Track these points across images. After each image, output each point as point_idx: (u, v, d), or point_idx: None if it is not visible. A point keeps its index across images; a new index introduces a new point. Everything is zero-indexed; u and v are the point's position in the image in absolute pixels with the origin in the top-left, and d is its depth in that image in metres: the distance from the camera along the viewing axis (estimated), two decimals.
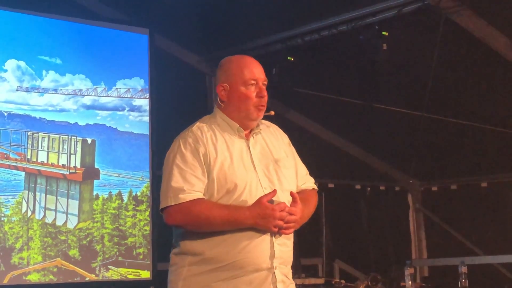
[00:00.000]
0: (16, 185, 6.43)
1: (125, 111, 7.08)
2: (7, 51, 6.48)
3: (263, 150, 3.09)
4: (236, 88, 3.04)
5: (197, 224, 2.89)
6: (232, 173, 2.93)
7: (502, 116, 6.84)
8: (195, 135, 2.99)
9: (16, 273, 6.32)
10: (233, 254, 2.86)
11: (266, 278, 2.90)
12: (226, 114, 3.09)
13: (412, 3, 6.06)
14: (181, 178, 2.90)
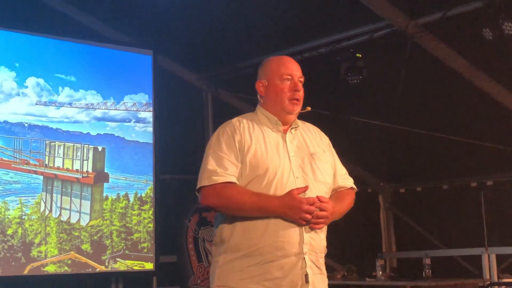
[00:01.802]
0: (35, 188, 6.43)
1: (131, 122, 7.07)
2: (28, 70, 6.47)
3: (300, 144, 2.98)
4: (273, 82, 2.98)
5: (228, 207, 2.80)
6: (265, 159, 2.82)
7: (460, 127, 6.88)
8: (234, 125, 2.92)
9: (35, 264, 6.32)
10: (261, 239, 2.74)
11: (296, 263, 2.75)
12: (265, 108, 3.01)
13: (382, 28, 6.12)
14: (215, 162, 2.81)
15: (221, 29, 6.73)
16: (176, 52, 7.53)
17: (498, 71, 6.24)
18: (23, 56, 6.47)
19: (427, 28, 5.93)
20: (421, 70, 6.27)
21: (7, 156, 6.31)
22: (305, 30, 6.54)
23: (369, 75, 6.32)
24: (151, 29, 7.10)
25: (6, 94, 6.36)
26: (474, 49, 5.99)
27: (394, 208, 8.94)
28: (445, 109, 6.85)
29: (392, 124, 6.80)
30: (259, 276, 2.72)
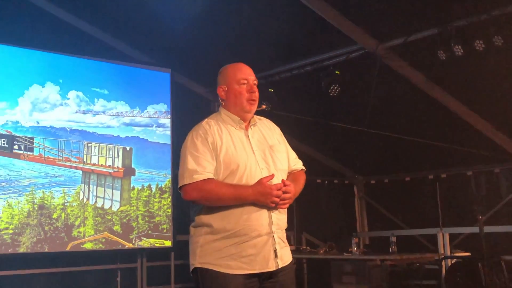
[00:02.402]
0: (76, 180, 6.45)
1: (153, 127, 7.09)
2: (69, 85, 6.50)
3: (260, 138, 2.90)
4: (231, 87, 2.89)
5: (209, 199, 2.71)
6: (235, 157, 2.75)
7: (420, 131, 6.89)
8: (204, 128, 2.82)
9: (75, 242, 6.36)
10: (238, 224, 2.69)
11: (267, 241, 2.72)
12: (227, 109, 2.91)
13: (356, 51, 6.09)
14: (194, 162, 2.72)
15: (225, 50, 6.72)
16: (189, 70, 7.54)
17: (450, 84, 6.24)
18: (65, 73, 6.50)
19: (393, 50, 5.91)
20: (388, 84, 6.26)
21: (53, 155, 6.32)
22: (294, 51, 6.52)
23: (346, 89, 6.30)
24: (169, 52, 7.10)
25: (52, 104, 6.37)
26: (430, 67, 5.98)
27: (366, 196, 8.96)
28: (407, 116, 6.85)
29: (365, 128, 6.78)
30: (236, 254, 2.68)
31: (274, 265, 2.72)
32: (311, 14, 5.53)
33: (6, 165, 6.00)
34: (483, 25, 5.13)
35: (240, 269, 2.67)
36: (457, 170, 7.77)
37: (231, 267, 2.66)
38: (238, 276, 2.66)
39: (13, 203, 5.99)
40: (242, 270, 2.67)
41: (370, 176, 8.86)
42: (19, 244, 5.99)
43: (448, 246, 7.12)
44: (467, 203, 7.49)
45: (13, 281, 6.15)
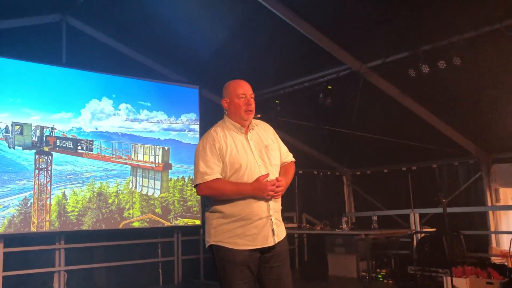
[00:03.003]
0: (126, 173, 6.49)
1: (185, 131, 7.11)
2: (120, 99, 6.55)
3: (257, 140, 2.86)
4: (232, 100, 2.84)
5: (217, 195, 2.71)
6: (238, 157, 2.73)
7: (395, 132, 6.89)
8: (212, 136, 2.78)
9: (126, 221, 6.40)
10: (243, 210, 2.70)
11: (266, 222, 2.74)
12: (229, 118, 2.86)
13: (344, 70, 6.10)
14: (204, 165, 2.70)
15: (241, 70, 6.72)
16: (212, 86, 7.53)
17: (419, 96, 6.24)
18: (117, 90, 6.54)
19: (373, 69, 5.93)
20: (369, 96, 6.26)
21: (108, 154, 6.37)
22: (295, 71, 6.55)
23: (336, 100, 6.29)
24: (197, 72, 7.14)
25: (107, 114, 6.42)
26: (403, 82, 5.98)
27: (353, 184, 8.93)
28: (385, 121, 6.84)
29: (351, 131, 6.81)
30: (242, 234, 2.69)
31: (272, 241, 2.75)
32: (308, 41, 5.57)
33: (72, 162, 6.07)
34: (445, 49, 5.15)
35: (245, 245, 2.69)
36: (425, 164, 7.77)
37: (238, 244, 2.69)
38: (244, 250, 2.69)
39: (77, 191, 6.07)
40: (247, 246, 2.69)
41: (356, 168, 8.84)
42: (83, 223, 6.08)
43: (418, 223, 7.11)
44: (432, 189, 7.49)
45: (79, 252, 6.24)
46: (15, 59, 5.74)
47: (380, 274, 6.73)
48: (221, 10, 5.60)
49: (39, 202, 5.76)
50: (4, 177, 5.56)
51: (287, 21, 5.30)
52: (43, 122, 5.87)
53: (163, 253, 6.97)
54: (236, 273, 2.66)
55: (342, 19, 5.37)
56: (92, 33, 6.54)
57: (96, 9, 6.09)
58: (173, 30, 6.13)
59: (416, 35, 5.25)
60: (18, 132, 5.69)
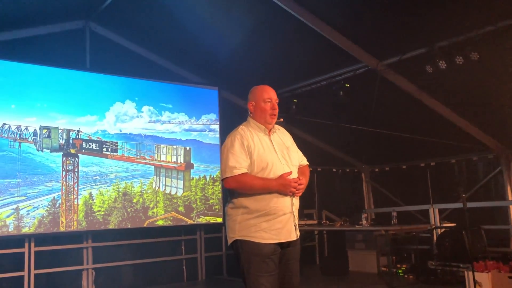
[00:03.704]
0: (150, 173, 6.52)
1: (206, 132, 7.12)
2: (143, 101, 6.59)
3: (279, 142, 2.93)
4: (258, 103, 2.93)
5: (243, 188, 2.75)
6: (264, 156, 2.80)
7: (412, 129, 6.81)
8: (240, 133, 2.85)
9: (150, 220, 6.44)
10: (268, 205, 2.75)
11: (289, 218, 2.80)
12: (255, 120, 2.94)
13: (362, 67, 6.03)
14: (233, 160, 2.75)
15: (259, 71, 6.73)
16: (232, 87, 7.54)
17: (436, 92, 6.15)
18: (140, 93, 6.58)
19: (390, 66, 5.85)
20: (386, 93, 6.19)
21: (132, 155, 6.41)
22: (313, 70, 6.50)
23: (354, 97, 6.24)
24: (217, 74, 7.15)
25: (130, 116, 6.47)
26: (420, 79, 5.90)
27: (372, 181, 8.87)
28: (403, 118, 6.77)
29: (369, 128, 6.74)
30: (267, 228, 2.74)
31: (295, 235, 2.82)
32: (325, 40, 5.52)
33: (97, 163, 6.13)
34: (462, 44, 5.06)
35: (271, 239, 2.73)
36: (443, 159, 7.66)
37: (264, 238, 2.73)
38: (270, 244, 2.73)
39: (103, 192, 6.13)
40: (272, 240, 2.74)
41: (374, 165, 8.77)
42: (109, 222, 6.14)
43: (438, 218, 7.03)
44: (451, 185, 7.38)
45: (106, 250, 6.31)
46: (41, 65, 5.84)
47: (401, 269, 6.66)
48: (239, 12, 5.60)
49: (67, 203, 5.85)
50: (33, 179, 5.67)
51: (304, 21, 5.27)
52: (70, 125, 5.96)
53: (187, 250, 7.01)
54: (262, 266, 2.69)
55: (358, 17, 5.31)
56: (115, 38, 6.61)
57: (117, 15, 6.15)
58: (192, 33, 6.14)
59: (432, 31, 5.15)
60: (46, 135, 5.79)
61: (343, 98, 6.18)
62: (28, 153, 5.67)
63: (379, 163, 8.65)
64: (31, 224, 5.59)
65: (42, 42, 6.00)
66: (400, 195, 8.27)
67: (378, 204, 8.68)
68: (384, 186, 8.60)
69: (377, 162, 8.64)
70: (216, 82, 7.27)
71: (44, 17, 5.90)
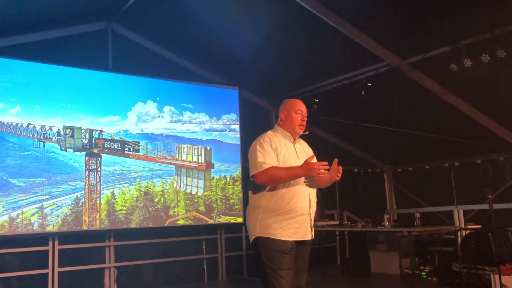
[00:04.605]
0: (171, 172, 6.53)
1: (226, 131, 7.11)
2: (164, 101, 6.60)
3: (302, 151, 3.12)
4: (290, 114, 3.10)
5: (272, 179, 2.87)
6: (289, 159, 2.97)
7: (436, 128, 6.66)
8: (269, 137, 3.03)
9: (171, 219, 6.46)
10: (287, 205, 2.89)
11: (307, 219, 2.95)
12: (282, 128, 3.11)
13: (384, 66, 5.92)
14: (262, 157, 2.90)
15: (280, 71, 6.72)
16: (252, 87, 7.55)
17: (461, 90, 6.00)
18: (161, 93, 6.60)
19: (413, 65, 5.73)
20: (410, 92, 6.08)
21: (153, 154, 6.43)
22: (333, 69, 6.41)
23: (376, 97, 6.15)
24: (237, 74, 7.12)
25: (152, 116, 6.50)
26: (444, 77, 5.76)
27: (394, 181, 8.71)
28: (426, 117, 6.64)
29: (391, 128, 6.63)
30: (286, 226, 2.88)
31: (310, 235, 2.98)
32: (347, 39, 5.44)
33: (120, 162, 6.17)
34: (488, 41, 4.91)
35: (289, 237, 2.88)
36: (468, 159, 7.46)
37: (282, 235, 2.87)
38: (287, 241, 2.87)
39: (125, 191, 6.17)
40: (290, 237, 2.88)
41: (397, 165, 8.62)
42: (131, 221, 6.17)
43: (462, 220, 6.86)
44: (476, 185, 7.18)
45: (127, 248, 6.35)
46: (65, 66, 5.90)
47: (424, 271, 6.52)
48: (259, 11, 5.56)
49: (89, 202, 5.90)
50: (57, 178, 5.73)
51: (325, 20, 5.19)
52: (92, 125, 6.00)
53: (207, 250, 7.00)
54: (283, 261, 2.83)
55: (380, 15, 5.20)
56: (136, 39, 6.64)
57: (139, 16, 6.17)
58: (213, 33, 6.13)
59: (457, 28, 5.01)
60: (69, 135, 5.85)
61: (364, 98, 6.08)
62: (52, 152, 5.74)
63: (401, 163, 8.49)
64: (55, 222, 5.65)
65: (66, 44, 6.06)
66: (423, 196, 8.09)
67: (400, 205, 8.52)
68: (406, 187, 8.43)
69: (400, 162, 8.49)
70: (237, 82, 7.24)
71: (68, 19, 5.96)
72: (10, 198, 5.42)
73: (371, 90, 6.07)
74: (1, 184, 5.40)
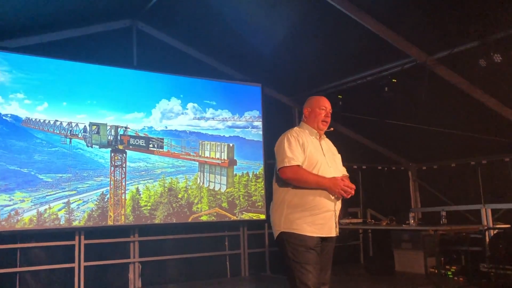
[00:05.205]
0: (194, 169, 6.54)
1: (249, 128, 7.08)
2: (188, 99, 6.60)
3: (327, 148, 3.11)
4: (314, 110, 3.12)
5: (298, 179, 2.87)
6: (315, 155, 2.97)
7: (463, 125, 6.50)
8: (296, 132, 3.03)
9: (195, 215, 6.47)
10: (313, 201, 2.88)
11: (332, 215, 2.94)
12: (308, 124, 3.12)
13: (409, 62, 5.80)
14: (290, 152, 2.91)
15: (303, 67, 6.66)
16: (275, 84, 7.50)
17: (489, 86, 5.84)
18: (185, 90, 6.60)
19: (440, 60, 5.61)
20: (436, 88, 5.94)
21: (177, 151, 6.45)
22: (357, 65, 6.32)
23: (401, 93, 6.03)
24: (260, 71, 7.07)
25: (175, 113, 6.52)
26: (473, 73, 5.60)
27: (419, 179, 8.55)
28: (452, 114, 6.47)
29: (416, 124, 6.51)
30: (311, 222, 2.87)
31: (335, 232, 2.97)
32: (371, 35, 5.35)
33: (144, 159, 6.22)
34: None
35: (313, 233, 2.88)
36: (496, 157, 7.26)
37: (307, 230, 2.87)
38: (313, 237, 2.87)
39: (150, 187, 6.21)
40: (315, 233, 2.88)
41: (422, 163, 8.45)
42: (155, 217, 6.21)
43: (490, 219, 6.68)
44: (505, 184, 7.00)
45: (151, 244, 6.39)
46: (91, 64, 5.96)
47: (450, 271, 6.37)
48: (282, 7, 5.51)
49: (115, 197, 5.95)
50: (83, 174, 5.80)
51: (349, 15, 5.11)
52: (117, 122, 6.06)
53: (230, 246, 7.00)
54: (308, 256, 2.83)
55: (405, 9, 5.09)
56: (160, 36, 6.67)
57: (163, 14, 6.19)
58: (235, 30, 6.11)
59: (486, 22, 4.86)
60: (95, 131, 5.91)
61: (388, 94, 5.97)
62: (79, 148, 5.82)
63: (426, 161, 8.32)
64: (81, 217, 5.73)
65: (91, 42, 6.12)
66: (448, 194, 7.91)
67: (425, 203, 8.35)
68: (432, 185, 8.26)
69: (425, 160, 8.32)
70: (259, 78, 7.21)
71: (94, 17, 6.02)
72: (38, 193, 5.51)
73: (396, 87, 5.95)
74: (30, 179, 5.50)
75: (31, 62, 5.64)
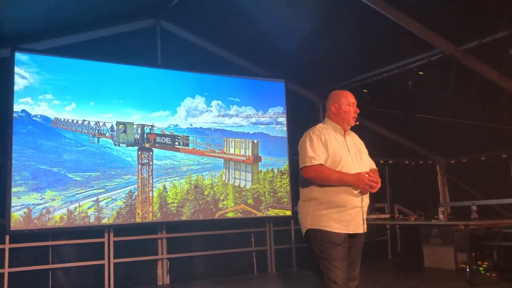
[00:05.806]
0: (220, 166, 6.56)
1: (273, 125, 7.06)
2: (212, 96, 6.62)
3: (352, 144, 3.07)
4: (342, 106, 3.06)
5: (321, 178, 2.87)
6: (339, 152, 2.94)
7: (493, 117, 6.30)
8: (319, 130, 3.01)
9: (221, 212, 6.49)
10: (339, 198, 2.87)
11: (359, 212, 2.92)
12: (333, 121, 3.07)
13: (436, 54, 5.65)
14: (312, 151, 2.90)
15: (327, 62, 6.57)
16: (298, 79, 7.44)
17: None
18: (209, 88, 6.62)
19: (468, 51, 5.43)
20: (464, 80, 5.77)
21: (202, 148, 6.48)
22: (383, 58, 6.20)
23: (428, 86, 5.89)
24: (283, 66, 7.04)
25: (200, 111, 6.54)
26: (503, 64, 5.41)
27: (447, 173, 8.34)
28: (482, 106, 6.28)
29: (444, 117, 6.35)
30: (337, 219, 2.86)
31: (362, 229, 2.95)
32: (396, 27, 5.23)
33: (170, 156, 6.26)
34: None
35: (340, 229, 2.87)
36: None
37: (334, 227, 2.86)
38: (339, 233, 2.86)
39: (176, 184, 6.25)
40: (342, 230, 2.87)
41: (450, 157, 8.24)
42: (182, 214, 6.25)
43: None
44: None
45: (179, 241, 6.44)
46: (116, 63, 6.03)
47: (482, 267, 6.20)
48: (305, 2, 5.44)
49: (142, 195, 6.02)
50: (111, 172, 5.88)
51: (374, 7, 5.01)
52: (144, 120, 6.11)
53: (256, 242, 6.99)
54: (335, 252, 2.82)
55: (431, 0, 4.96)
56: (184, 34, 6.70)
57: (186, 12, 6.20)
58: (258, 26, 6.07)
59: None
60: (122, 130, 5.98)
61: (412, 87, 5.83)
62: (106, 147, 5.89)
63: (455, 155, 8.11)
64: (110, 215, 5.81)
65: (116, 41, 6.18)
66: (478, 188, 7.67)
67: (454, 197, 8.15)
68: (461, 179, 8.04)
69: (453, 154, 8.11)
70: (283, 74, 7.17)
71: (118, 17, 6.08)
72: (68, 192, 5.61)
73: (423, 79, 5.82)
74: (60, 178, 5.60)
75: (58, 63, 5.74)
